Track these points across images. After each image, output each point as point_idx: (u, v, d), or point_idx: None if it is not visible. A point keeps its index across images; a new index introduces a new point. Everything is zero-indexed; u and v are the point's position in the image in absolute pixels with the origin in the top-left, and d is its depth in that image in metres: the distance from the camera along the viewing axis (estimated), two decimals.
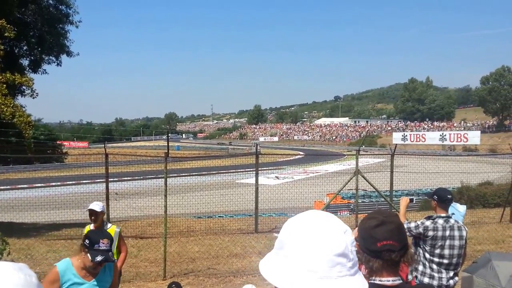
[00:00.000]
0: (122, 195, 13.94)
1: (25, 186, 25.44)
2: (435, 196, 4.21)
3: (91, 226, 5.00)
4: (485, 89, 76.59)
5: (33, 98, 12.85)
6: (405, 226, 4.19)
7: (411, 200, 4.80)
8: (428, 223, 4.06)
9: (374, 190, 10.72)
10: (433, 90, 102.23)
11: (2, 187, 22.71)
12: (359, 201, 12.36)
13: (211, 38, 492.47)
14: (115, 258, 4.75)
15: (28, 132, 10.16)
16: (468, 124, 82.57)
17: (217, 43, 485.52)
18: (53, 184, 23.75)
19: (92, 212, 4.95)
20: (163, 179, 7.96)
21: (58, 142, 60.67)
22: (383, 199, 11.94)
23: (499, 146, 50.96)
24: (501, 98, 73.60)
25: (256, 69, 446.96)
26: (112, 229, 5.01)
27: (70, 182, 25.14)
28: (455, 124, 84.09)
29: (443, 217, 4.08)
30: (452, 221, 4.09)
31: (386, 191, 12.55)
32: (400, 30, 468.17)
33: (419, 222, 4.12)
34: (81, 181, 24.99)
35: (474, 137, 60.82)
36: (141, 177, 24.45)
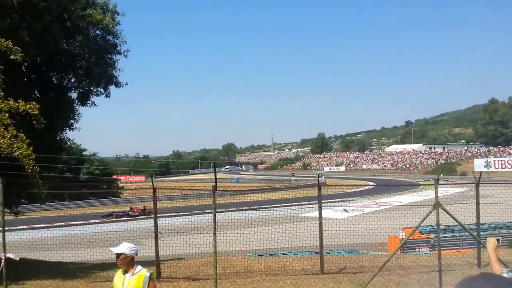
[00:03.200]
0: (176, 231, 13.47)
1: (80, 222, 26.26)
2: None
3: (122, 271, 4.61)
4: None
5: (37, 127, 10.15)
6: (506, 275, 3.21)
7: (498, 241, 3.76)
8: None
9: (456, 223, 9.37)
10: None
11: (57, 224, 22.51)
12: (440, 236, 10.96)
13: (269, 64, 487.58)
14: None
15: (30, 168, 8.79)
16: None
17: (275, 69, 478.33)
18: (107, 220, 24.03)
19: (116, 255, 4.59)
20: (219, 214, 7.35)
21: (113, 176, 62.56)
22: (468, 233, 10.56)
23: None
24: None
25: (318, 95, 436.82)
26: (141, 273, 4.56)
27: (124, 219, 25.64)
28: None
29: None
30: None
31: (470, 224, 10.99)
32: (475, 48, 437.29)
33: None
34: (137, 217, 25.37)
35: None
36: (196, 212, 24.26)
